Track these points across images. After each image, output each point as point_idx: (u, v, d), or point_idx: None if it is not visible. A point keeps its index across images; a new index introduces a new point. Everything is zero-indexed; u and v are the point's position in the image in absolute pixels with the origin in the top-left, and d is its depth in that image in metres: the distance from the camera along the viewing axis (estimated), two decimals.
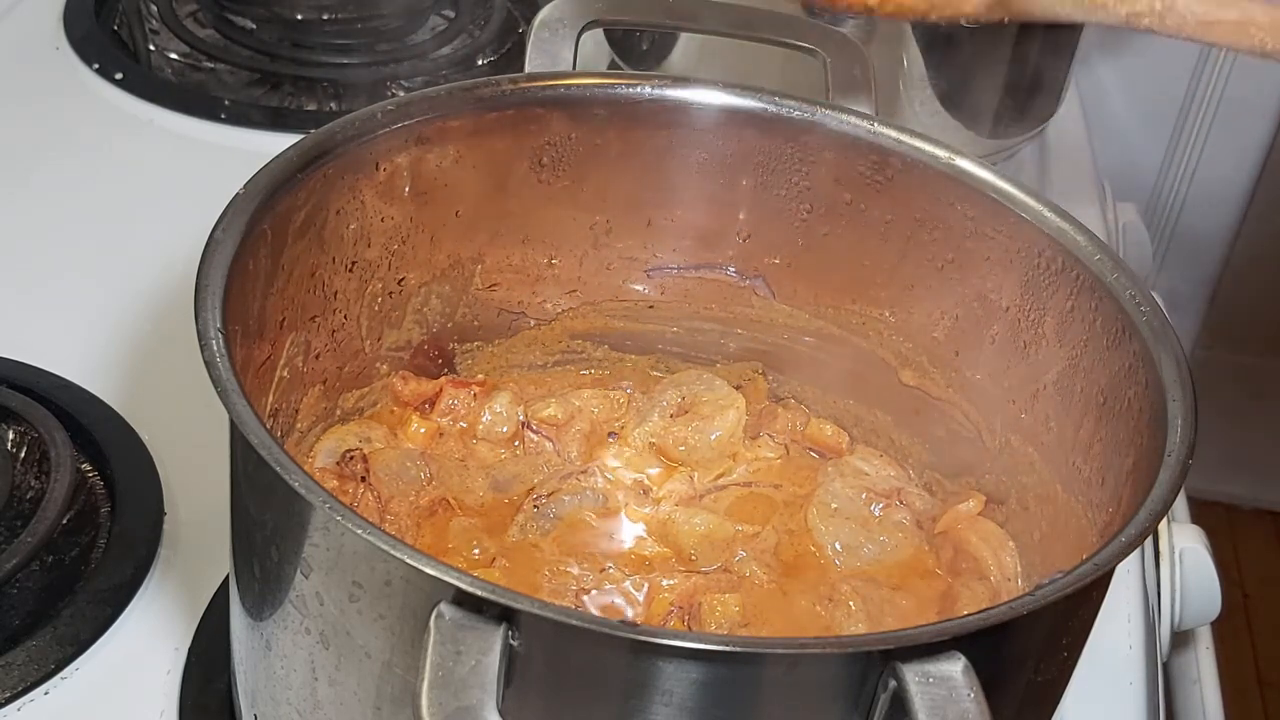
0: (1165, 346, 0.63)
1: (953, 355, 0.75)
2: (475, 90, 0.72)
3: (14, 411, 0.84)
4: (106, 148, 1.13)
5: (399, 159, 0.71)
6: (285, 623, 0.57)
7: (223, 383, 0.55)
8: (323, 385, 0.73)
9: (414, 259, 0.75)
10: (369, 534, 0.50)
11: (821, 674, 0.51)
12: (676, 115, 0.75)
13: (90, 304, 0.97)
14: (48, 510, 0.77)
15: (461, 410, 0.76)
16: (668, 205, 0.78)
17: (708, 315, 0.81)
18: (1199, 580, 0.98)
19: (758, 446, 0.78)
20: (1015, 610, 0.51)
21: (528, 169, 0.75)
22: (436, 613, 0.49)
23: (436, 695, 0.47)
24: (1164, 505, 0.56)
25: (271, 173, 0.65)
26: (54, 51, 1.23)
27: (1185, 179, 1.95)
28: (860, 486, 0.75)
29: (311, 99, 1.25)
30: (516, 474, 0.75)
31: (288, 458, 0.52)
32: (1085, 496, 0.67)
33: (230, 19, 1.30)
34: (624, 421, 0.79)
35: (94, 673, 0.74)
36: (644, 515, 0.74)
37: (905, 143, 0.73)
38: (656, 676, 0.49)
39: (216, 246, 0.60)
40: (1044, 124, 1.20)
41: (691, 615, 0.68)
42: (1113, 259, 0.67)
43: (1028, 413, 0.71)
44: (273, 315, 0.66)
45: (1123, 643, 0.84)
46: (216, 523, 0.64)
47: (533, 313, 0.80)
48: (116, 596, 0.77)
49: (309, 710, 0.59)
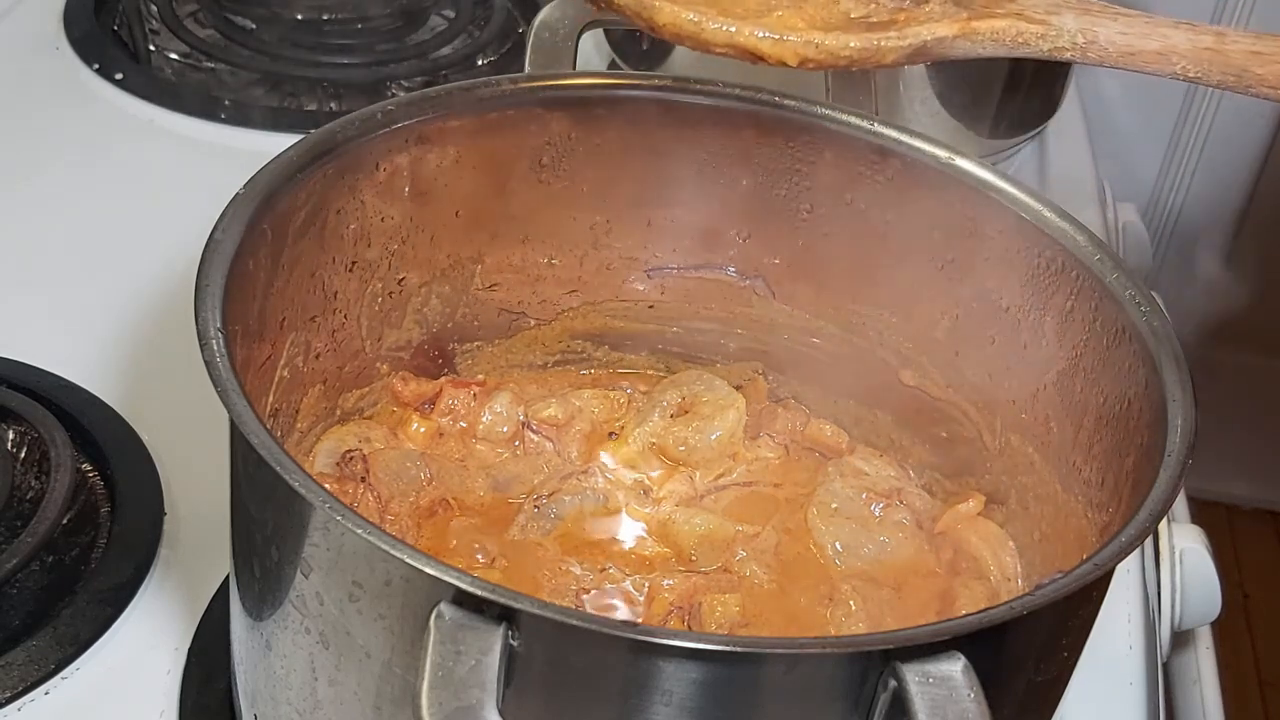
0: (1165, 346, 0.63)
1: (953, 355, 0.75)
2: (475, 90, 0.72)
3: (14, 411, 0.84)
4: (106, 148, 1.13)
5: (399, 159, 0.71)
6: (285, 623, 0.57)
7: (223, 383, 0.55)
8: (323, 385, 0.73)
9: (414, 259, 0.75)
10: (369, 534, 0.50)
11: (821, 674, 0.51)
12: (676, 115, 0.75)
13: (90, 304, 0.97)
14: (48, 510, 0.77)
15: (461, 410, 0.76)
16: (668, 205, 0.78)
17: (708, 315, 0.81)
18: (1199, 580, 0.98)
19: (758, 446, 0.78)
20: (1015, 610, 0.51)
21: (528, 169, 0.75)
22: (436, 613, 0.49)
23: (436, 695, 0.47)
24: (1164, 505, 0.56)
25: (271, 173, 0.65)
26: (54, 51, 1.23)
27: (1185, 179, 1.95)
28: (860, 486, 0.75)
29: (311, 99, 1.25)
30: (516, 474, 0.75)
31: (288, 458, 0.52)
32: (1085, 496, 0.67)
33: (230, 19, 1.30)
34: (624, 421, 0.79)
35: (94, 673, 0.74)
36: (644, 515, 0.74)
37: (905, 143, 0.73)
38: (656, 676, 0.49)
39: (216, 246, 0.60)
40: (1044, 124, 1.20)
41: (691, 615, 0.68)
42: (1113, 259, 0.67)
43: (1028, 413, 0.71)
44: (273, 315, 0.66)
45: (1123, 643, 0.84)
46: (216, 523, 0.64)
47: (533, 313, 0.80)
48: (116, 596, 0.77)
49: (309, 710, 0.59)
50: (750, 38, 0.61)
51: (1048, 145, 1.27)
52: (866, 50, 0.61)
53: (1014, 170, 1.20)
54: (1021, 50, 0.60)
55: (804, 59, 0.61)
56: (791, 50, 0.61)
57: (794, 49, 0.61)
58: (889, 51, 0.61)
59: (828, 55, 0.61)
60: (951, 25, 0.61)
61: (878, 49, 0.61)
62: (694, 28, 0.62)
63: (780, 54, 0.61)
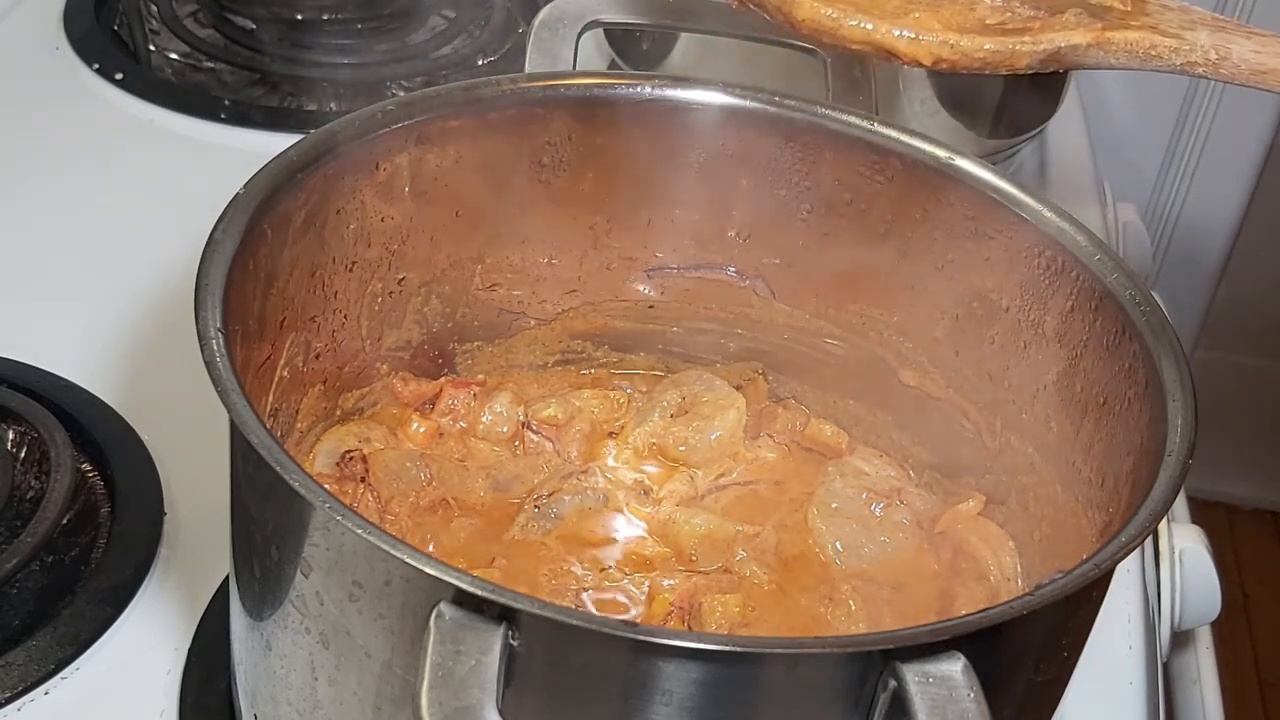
0: (1165, 346, 0.63)
1: (953, 355, 0.75)
2: (475, 90, 0.72)
3: (14, 411, 0.84)
4: (106, 148, 1.13)
5: (399, 159, 0.71)
6: (285, 623, 0.57)
7: (223, 383, 0.55)
8: (323, 385, 0.73)
9: (414, 259, 0.75)
10: (369, 534, 0.50)
11: (821, 674, 0.51)
12: (676, 115, 0.75)
13: (90, 304, 0.97)
14: (48, 510, 0.77)
15: (461, 410, 0.76)
16: (668, 205, 0.78)
17: (708, 315, 0.81)
18: (1199, 580, 0.98)
19: (758, 446, 0.78)
20: (1015, 610, 0.51)
21: (528, 169, 0.75)
22: (436, 612, 0.49)
23: (436, 695, 0.47)
24: (1164, 505, 0.56)
25: (271, 173, 0.65)
26: (54, 51, 1.23)
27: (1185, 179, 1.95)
28: (860, 486, 0.75)
29: (311, 99, 1.25)
30: (516, 474, 0.75)
31: (288, 458, 0.52)
32: (1085, 496, 0.67)
33: (230, 19, 1.30)
34: (624, 421, 0.79)
35: (94, 673, 0.74)
36: (644, 515, 0.74)
37: (905, 143, 0.72)
38: (656, 676, 0.49)
39: (216, 246, 0.60)
40: (1044, 124, 1.20)
41: (692, 615, 0.68)
42: (1113, 259, 0.67)
43: (1028, 413, 0.71)
44: (273, 315, 0.66)
45: (1123, 643, 0.84)
46: (216, 523, 0.64)
47: (533, 313, 0.80)
48: (116, 596, 0.77)
49: (309, 710, 0.59)
50: (887, 35, 0.62)
51: (1048, 145, 1.27)
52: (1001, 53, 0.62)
53: (1014, 170, 1.20)
54: (1153, 64, 0.61)
55: (938, 59, 0.62)
56: (927, 50, 0.62)
57: (930, 48, 0.62)
58: (1023, 56, 0.62)
59: (962, 56, 0.62)
60: (1086, 34, 0.62)
61: (1012, 53, 0.62)
62: (832, 24, 0.62)
63: (915, 53, 0.62)
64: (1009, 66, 0.63)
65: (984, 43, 0.62)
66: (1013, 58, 0.62)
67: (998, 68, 0.63)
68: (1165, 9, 0.64)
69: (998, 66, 0.63)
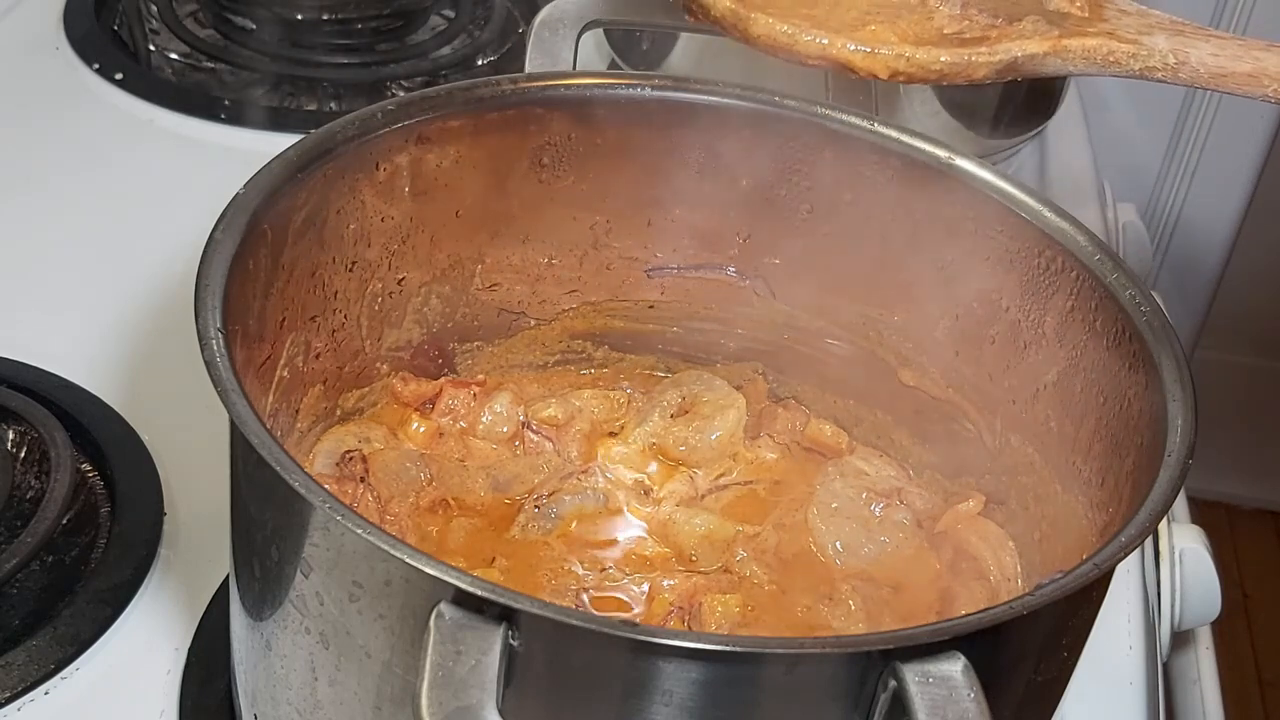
0: (1165, 346, 0.63)
1: (953, 355, 0.75)
2: (475, 90, 0.72)
3: (14, 411, 0.84)
4: (106, 148, 1.13)
5: (399, 159, 0.71)
6: (285, 623, 0.57)
7: (223, 383, 0.55)
8: (323, 385, 0.73)
9: (414, 259, 0.75)
10: (369, 534, 0.50)
11: (821, 674, 0.51)
12: (676, 115, 0.75)
13: (90, 304, 0.97)
14: (48, 510, 0.77)
15: (461, 410, 0.76)
16: (668, 205, 0.78)
17: (708, 315, 0.81)
18: (1199, 580, 0.98)
19: (758, 446, 0.78)
20: (1015, 610, 0.51)
21: (528, 169, 0.75)
22: (436, 612, 0.49)
23: (436, 695, 0.47)
24: (1164, 505, 0.56)
25: (271, 173, 0.65)
26: (54, 51, 1.23)
27: (1185, 179, 1.95)
28: (860, 486, 0.75)
29: (311, 99, 1.25)
30: (516, 474, 0.75)
31: (288, 458, 0.52)
32: (1085, 496, 0.67)
33: (230, 19, 1.30)
34: (624, 421, 0.79)
35: (94, 673, 0.74)
36: (644, 515, 0.74)
37: (905, 143, 0.72)
38: (656, 676, 0.49)
39: (216, 246, 0.60)
40: (1044, 124, 1.20)
41: (692, 615, 0.68)
42: (1113, 259, 0.67)
43: (1028, 413, 0.71)
44: (273, 315, 0.66)
45: (1123, 643, 0.84)
46: (216, 523, 0.64)
47: (533, 313, 0.80)
48: (116, 596, 0.77)
49: (309, 710, 0.59)
50: (843, 50, 0.62)
51: (1048, 145, 1.27)
52: (957, 65, 0.62)
53: (1014, 170, 1.20)
54: (1112, 70, 0.61)
55: (895, 72, 0.62)
56: (883, 63, 0.62)
57: (885, 62, 0.62)
58: (979, 66, 0.62)
59: (918, 69, 0.62)
60: (1043, 43, 0.62)
61: (968, 64, 0.62)
62: (788, 40, 0.62)
63: (871, 67, 0.62)
64: (966, 78, 0.63)
65: (940, 55, 0.62)
66: (969, 69, 0.62)
67: (955, 79, 0.63)
68: (1123, 14, 0.64)
69: (955, 78, 0.63)
